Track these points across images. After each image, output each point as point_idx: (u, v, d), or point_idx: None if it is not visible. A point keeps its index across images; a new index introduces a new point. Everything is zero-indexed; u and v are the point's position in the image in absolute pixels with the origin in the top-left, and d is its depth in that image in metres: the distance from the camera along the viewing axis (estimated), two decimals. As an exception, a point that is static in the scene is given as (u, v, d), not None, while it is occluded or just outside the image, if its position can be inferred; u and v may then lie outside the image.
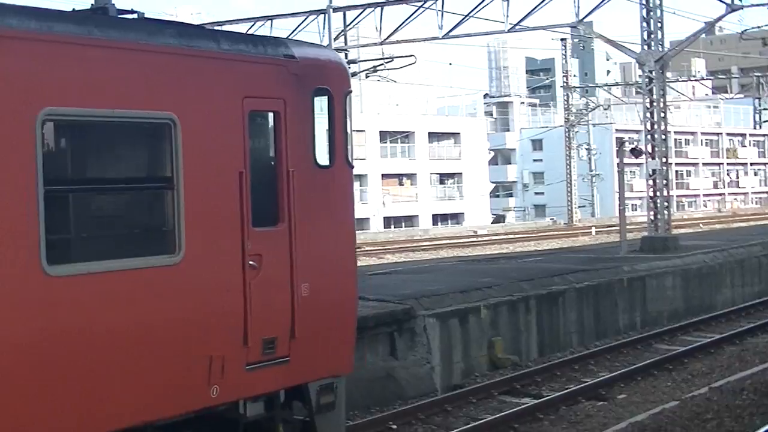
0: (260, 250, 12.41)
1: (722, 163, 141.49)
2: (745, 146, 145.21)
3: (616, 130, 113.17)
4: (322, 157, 13.52)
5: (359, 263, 44.78)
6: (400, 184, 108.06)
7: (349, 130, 14.00)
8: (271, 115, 12.93)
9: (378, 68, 48.01)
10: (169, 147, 11.47)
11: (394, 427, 17.94)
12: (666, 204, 39.44)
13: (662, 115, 39.75)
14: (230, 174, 12.12)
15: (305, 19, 46.87)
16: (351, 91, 14.13)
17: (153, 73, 11.46)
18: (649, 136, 39.68)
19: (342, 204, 14.06)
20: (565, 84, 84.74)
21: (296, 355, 12.83)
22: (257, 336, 12.29)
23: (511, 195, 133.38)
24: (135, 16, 12.39)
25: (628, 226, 39.98)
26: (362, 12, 45.95)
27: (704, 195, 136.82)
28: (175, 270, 11.44)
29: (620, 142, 44.99)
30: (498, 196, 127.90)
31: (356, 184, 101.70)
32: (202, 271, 11.72)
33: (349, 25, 46.50)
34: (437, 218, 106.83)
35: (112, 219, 12.06)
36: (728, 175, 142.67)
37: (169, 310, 11.37)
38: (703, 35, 72.28)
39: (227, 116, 12.18)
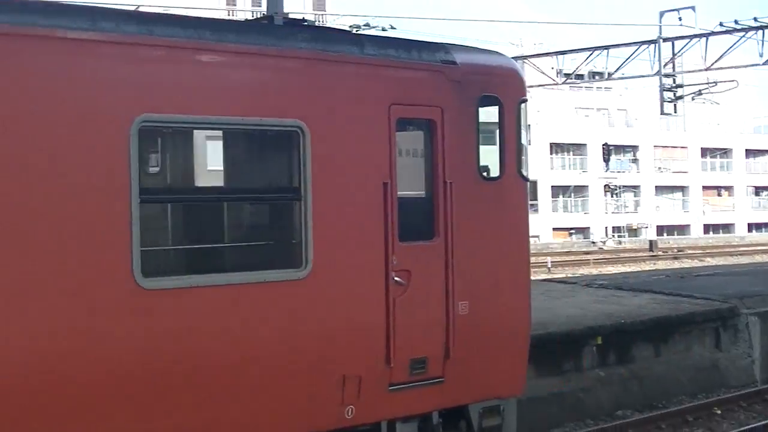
0: (409, 266, 10.36)
1: None
2: None
3: None
4: (489, 168, 11.32)
5: (683, 265, 43.87)
6: (719, 195, 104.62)
7: (523, 141, 11.54)
8: (425, 123, 10.75)
9: (702, 92, 46.59)
10: (297, 156, 9.62)
11: (719, 412, 17.33)
12: None
13: None
14: (371, 185, 10.13)
15: (638, 48, 46.02)
16: (526, 100, 11.63)
17: (276, 78, 9.69)
18: None
19: (513, 217, 11.56)
20: None
21: (452, 376, 10.74)
22: (403, 355, 10.30)
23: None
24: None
25: None
26: (689, 42, 44.65)
27: None
28: (301, 285, 9.57)
29: None
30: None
31: (679, 194, 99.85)
32: (332, 286, 9.79)
33: (677, 53, 45.30)
34: (752, 226, 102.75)
35: (224, 231, 10.40)
36: None
37: (293, 326, 9.55)
38: None
39: (369, 124, 10.16)
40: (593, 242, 66.34)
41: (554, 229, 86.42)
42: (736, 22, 42.31)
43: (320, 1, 74.26)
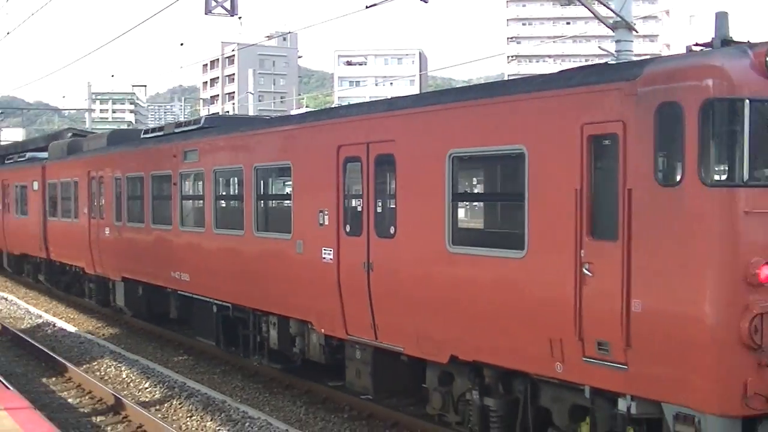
0: (593, 259, 11.51)
1: None
2: None
3: None
4: (667, 175, 10.79)
5: None
6: None
7: (713, 146, 10.43)
8: (609, 138, 11.30)
9: None
10: (521, 171, 12.50)
11: None
12: None
13: None
14: (565, 191, 11.81)
15: None
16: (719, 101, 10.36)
17: (508, 115, 12.88)
18: None
19: (693, 224, 10.54)
20: None
21: (636, 367, 11.06)
22: (589, 334, 11.58)
23: None
24: None
25: None
26: None
27: None
28: (521, 262, 12.60)
29: None
30: None
31: None
32: (539, 266, 12.30)
33: None
34: None
35: (486, 221, 15.71)
36: None
37: (517, 289, 12.69)
38: None
39: (564, 141, 11.85)
40: None
41: None
42: None
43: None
